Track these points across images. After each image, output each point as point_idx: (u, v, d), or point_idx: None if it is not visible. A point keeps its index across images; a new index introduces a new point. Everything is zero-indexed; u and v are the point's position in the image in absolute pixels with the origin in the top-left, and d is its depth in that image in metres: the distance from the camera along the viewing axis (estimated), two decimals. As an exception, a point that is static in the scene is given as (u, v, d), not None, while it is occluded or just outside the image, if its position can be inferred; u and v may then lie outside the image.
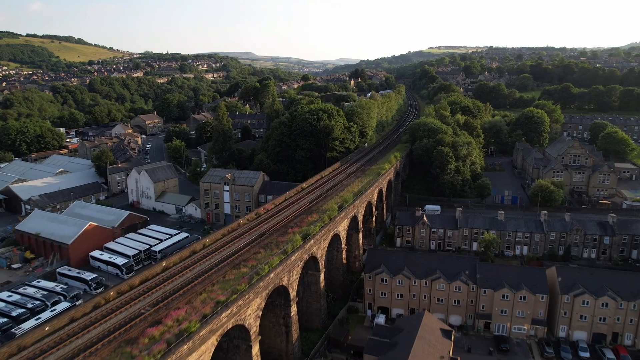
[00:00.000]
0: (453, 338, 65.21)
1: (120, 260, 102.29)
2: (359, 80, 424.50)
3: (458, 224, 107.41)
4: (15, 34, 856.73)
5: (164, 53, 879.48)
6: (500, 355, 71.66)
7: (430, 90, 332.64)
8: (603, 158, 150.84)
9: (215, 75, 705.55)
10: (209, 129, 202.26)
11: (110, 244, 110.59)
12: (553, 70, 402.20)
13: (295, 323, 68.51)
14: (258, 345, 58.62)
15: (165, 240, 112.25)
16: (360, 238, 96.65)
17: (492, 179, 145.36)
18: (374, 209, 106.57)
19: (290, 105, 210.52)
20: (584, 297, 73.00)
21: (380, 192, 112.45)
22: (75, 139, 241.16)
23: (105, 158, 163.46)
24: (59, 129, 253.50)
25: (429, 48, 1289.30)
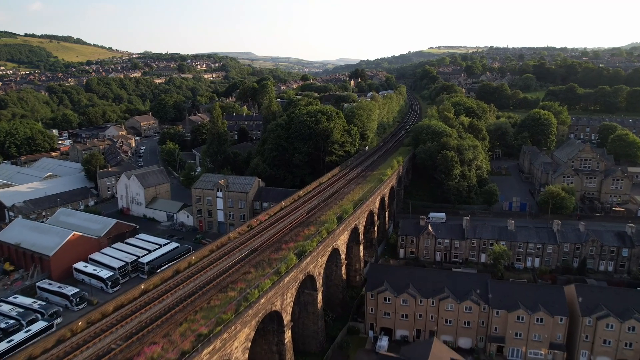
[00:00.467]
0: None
1: (105, 273, 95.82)
2: (359, 81, 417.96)
3: (465, 234, 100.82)
4: (14, 34, 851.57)
5: (163, 53, 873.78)
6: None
7: (432, 91, 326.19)
8: (614, 162, 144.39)
9: (214, 76, 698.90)
10: (205, 131, 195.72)
11: (96, 255, 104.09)
12: (556, 71, 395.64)
13: (290, 350, 61.97)
14: (247, 380, 52.24)
15: (154, 251, 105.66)
16: (361, 250, 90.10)
17: (498, 184, 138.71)
18: (376, 219, 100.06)
19: (289, 106, 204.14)
20: (608, 320, 66.43)
21: (382, 199, 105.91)
22: (68, 141, 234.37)
23: (95, 162, 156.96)
24: (51, 131, 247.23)
25: (429, 48, 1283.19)
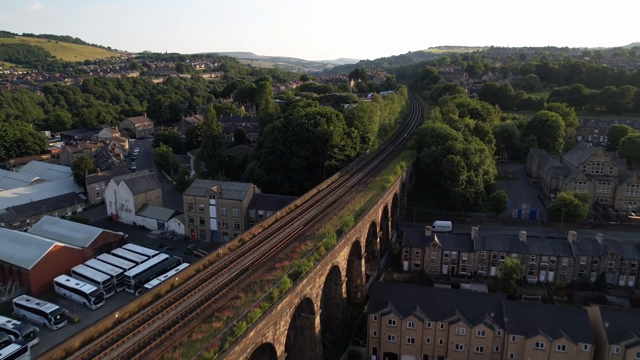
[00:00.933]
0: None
1: (88, 288, 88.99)
2: (359, 81, 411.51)
3: (474, 246, 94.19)
4: (12, 34, 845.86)
5: (163, 53, 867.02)
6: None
7: (434, 91, 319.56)
8: (627, 166, 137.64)
9: (213, 76, 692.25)
10: (200, 133, 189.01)
11: (79, 268, 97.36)
12: (560, 70, 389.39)
13: (284, 384, 55.36)
14: None
15: (142, 263, 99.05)
16: (363, 265, 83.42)
17: (505, 189, 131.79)
18: (378, 229, 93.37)
19: (287, 107, 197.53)
20: (639, 348, 59.81)
21: (385, 208, 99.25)
22: (60, 143, 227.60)
23: (84, 165, 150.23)
24: (43, 132, 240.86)
25: (429, 48, 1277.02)
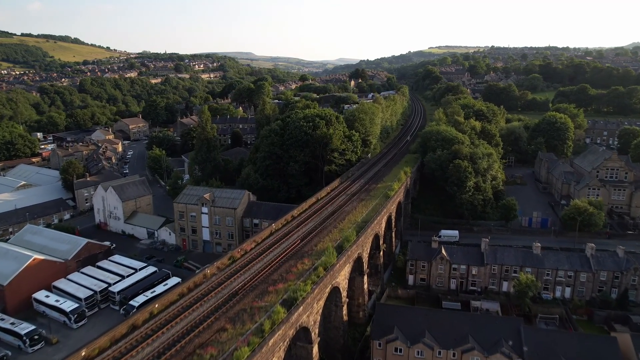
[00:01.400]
0: None
1: (69, 305, 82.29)
2: (360, 81, 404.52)
3: (484, 259, 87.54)
4: (10, 34, 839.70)
5: (162, 53, 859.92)
6: None
7: (436, 92, 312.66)
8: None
9: (212, 76, 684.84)
10: (195, 135, 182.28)
11: (61, 282, 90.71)
12: (563, 70, 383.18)
13: None
14: None
15: (128, 277, 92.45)
16: (365, 282, 76.75)
17: (513, 195, 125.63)
18: (382, 242, 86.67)
19: (286, 108, 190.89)
20: (677, 384, 53.28)
21: (389, 218, 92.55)
22: (51, 146, 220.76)
23: (73, 170, 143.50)
24: (35, 134, 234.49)
25: (430, 48, 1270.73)
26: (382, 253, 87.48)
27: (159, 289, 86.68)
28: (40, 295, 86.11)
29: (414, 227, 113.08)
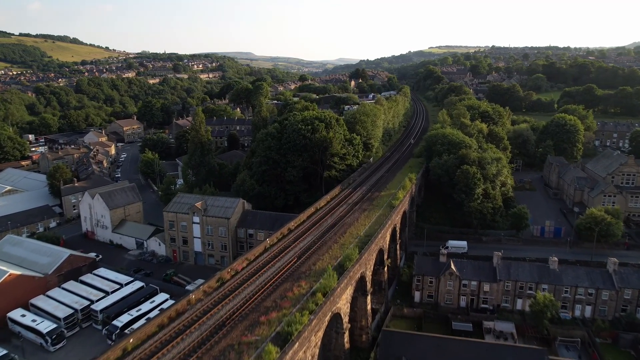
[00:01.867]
0: None
1: (46, 326, 75.64)
2: (360, 81, 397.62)
3: (497, 275, 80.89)
4: (8, 33, 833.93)
5: (161, 53, 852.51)
6: None
7: (438, 92, 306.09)
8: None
9: (211, 76, 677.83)
10: (189, 138, 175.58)
11: (39, 300, 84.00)
12: (567, 70, 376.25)
13: None
14: None
15: (113, 293, 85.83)
16: (369, 302, 69.95)
17: (523, 202, 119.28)
18: (386, 257, 79.95)
19: (284, 109, 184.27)
20: None
21: (394, 230, 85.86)
22: (42, 148, 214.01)
23: (60, 175, 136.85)
24: (27, 136, 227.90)
25: (430, 48, 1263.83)
26: (386, 269, 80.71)
27: (145, 307, 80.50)
28: (16, 315, 79.43)
29: (420, 236, 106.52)
